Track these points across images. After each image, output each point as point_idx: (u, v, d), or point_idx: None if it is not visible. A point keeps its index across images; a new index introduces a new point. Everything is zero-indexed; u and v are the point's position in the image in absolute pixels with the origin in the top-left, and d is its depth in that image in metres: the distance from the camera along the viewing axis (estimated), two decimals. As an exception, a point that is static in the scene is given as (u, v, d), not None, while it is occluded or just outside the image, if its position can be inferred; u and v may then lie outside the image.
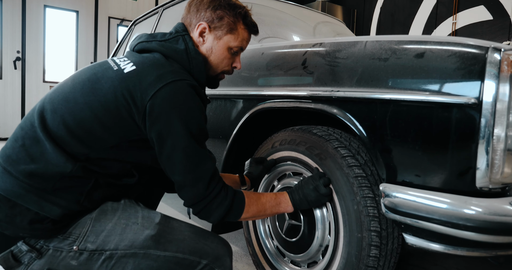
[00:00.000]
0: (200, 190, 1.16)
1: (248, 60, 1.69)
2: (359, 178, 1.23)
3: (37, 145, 1.09)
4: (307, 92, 1.36)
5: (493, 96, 0.96)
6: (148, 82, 1.10)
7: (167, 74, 1.12)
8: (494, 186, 1.00)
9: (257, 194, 1.32)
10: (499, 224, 0.94)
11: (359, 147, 1.31)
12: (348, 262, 1.25)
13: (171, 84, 1.10)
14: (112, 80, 1.12)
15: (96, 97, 1.11)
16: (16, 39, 6.82)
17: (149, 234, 1.16)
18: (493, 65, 0.96)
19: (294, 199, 1.34)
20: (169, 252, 1.18)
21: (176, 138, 1.11)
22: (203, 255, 1.22)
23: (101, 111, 1.10)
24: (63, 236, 1.11)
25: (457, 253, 1.08)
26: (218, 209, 1.19)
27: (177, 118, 1.10)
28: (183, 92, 1.12)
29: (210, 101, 1.39)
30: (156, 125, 1.10)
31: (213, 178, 1.18)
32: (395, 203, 1.10)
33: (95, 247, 1.12)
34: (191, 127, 1.13)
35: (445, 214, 1.00)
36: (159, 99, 1.08)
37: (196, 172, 1.15)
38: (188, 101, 1.13)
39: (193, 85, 1.16)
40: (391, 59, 1.14)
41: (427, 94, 1.04)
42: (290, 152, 1.47)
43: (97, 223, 1.14)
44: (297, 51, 1.47)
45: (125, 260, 1.15)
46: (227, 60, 1.33)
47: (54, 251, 1.11)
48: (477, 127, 0.98)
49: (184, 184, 1.16)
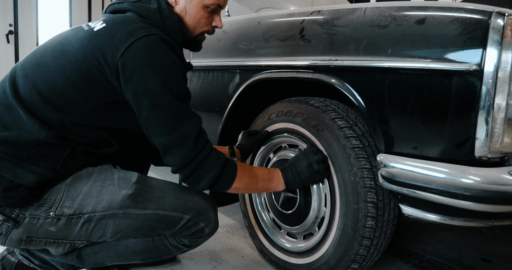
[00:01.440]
0: (189, 147, 1.09)
1: (244, 30, 1.65)
2: (356, 149, 1.22)
3: (9, 112, 1.06)
4: (304, 62, 1.33)
5: (495, 63, 0.93)
6: (118, 38, 1.04)
7: (139, 29, 1.06)
8: (493, 155, 0.98)
9: (250, 166, 1.28)
10: (497, 193, 0.93)
11: (356, 118, 1.29)
12: (344, 233, 1.25)
13: (143, 38, 1.04)
14: (81, 40, 1.07)
15: (66, 58, 1.06)
16: (8, 11, 6.66)
17: (127, 193, 1.15)
18: (496, 31, 0.93)
19: (287, 176, 1.30)
20: (149, 210, 1.17)
21: (154, 95, 1.05)
22: (185, 211, 1.21)
23: (73, 73, 1.06)
24: (38, 204, 1.10)
25: (453, 224, 1.07)
26: (209, 172, 1.13)
27: (153, 73, 1.04)
28: (157, 46, 1.06)
29: (192, 67, 1.34)
30: (131, 83, 1.04)
31: (200, 135, 1.12)
32: (392, 173, 1.09)
33: (72, 211, 1.11)
34: (169, 83, 1.07)
35: (443, 184, 0.99)
36: (131, 54, 1.03)
37: (180, 129, 1.08)
38: (164, 55, 1.07)
39: (167, 40, 1.09)
40: (391, 26, 1.10)
41: (427, 62, 1.01)
42: (286, 124, 1.45)
43: (72, 187, 1.12)
44: (294, 19, 1.43)
45: (105, 221, 1.14)
46: (204, 19, 1.25)
47: (30, 219, 1.10)
48: (478, 95, 0.95)
49: (169, 145, 1.09)
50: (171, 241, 1.30)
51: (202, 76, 1.90)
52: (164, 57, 1.06)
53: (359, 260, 1.25)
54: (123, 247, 1.28)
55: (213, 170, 1.13)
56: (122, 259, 1.30)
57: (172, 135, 1.08)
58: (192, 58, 1.97)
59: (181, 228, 1.24)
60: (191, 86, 1.98)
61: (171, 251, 1.32)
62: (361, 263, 1.27)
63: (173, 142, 1.09)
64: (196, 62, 1.92)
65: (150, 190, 1.19)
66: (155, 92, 1.05)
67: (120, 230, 1.17)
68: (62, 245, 1.17)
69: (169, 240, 1.29)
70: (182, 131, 1.08)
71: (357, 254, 1.24)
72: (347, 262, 1.26)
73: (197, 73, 1.94)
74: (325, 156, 1.28)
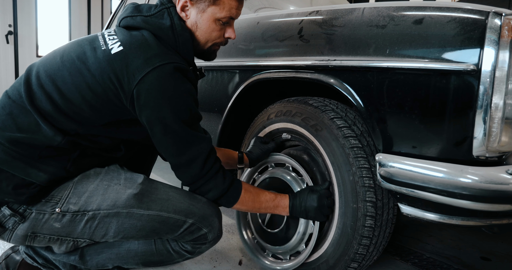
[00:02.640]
0: (196, 170, 1.16)
1: (244, 30, 1.65)
2: (355, 148, 1.22)
3: (25, 115, 1.08)
4: (303, 62, 1.33)
5: (492, 63, 0.94)
6: (135, 66, 1.07)
7: (154, 58, 1.09)
8: (491, 154, 0.99)
9: (258, 190, 1.31)
10: (495, 192, 0.93)
11: (355, 118, 1.29)
12: (343, 233, 1.26)
13: (158, 69, 1.07)
14: (99, 62, 1.09)
15: (84, 78, 1.09)
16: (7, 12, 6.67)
17: (132, 193, 1.17)
18: (493, 31, 0.94)
19: (294, 207, 1.32)
20: (152, 211, 1.18)
21: (165, 124, 1.10)
22: (189, 215, 1.22)
23: (89, 93, 1.08)
24: (46, 199, 1.12)
25: (452, 223, 1.08)
26: (214, 189, 1.20)
27: (166, 104, 1.09)
28: (171, 76, 1.09)
29: (205, 75, 1.36)
30: (145, 111, 1.09)
31: (208, 158, 1.18)
32: (391, 172, 1.09)
33: (77, 208, 1.13)
34: (180, 112, 1.11)
35: (441, 183, 0.99)
36: (146, 84, 1.06)
37: (188, 153, 1.14)
38: (177, 85, 1.11)
39: (181, 68, 1.12)
40: (389, 26, 1.11)
41: (425, 62, 1.01)
42: (285, 124, 1.45)
43: (79, 185, 1.15)
44: (293, 20, 1.43)
45: (108, 220, 1.16)
46: (216, 32, 1.25)
47: (37, 214, 1.12)
48: (475, 95, 0.96)
49: (178, 165, 1.17)
50: (174, 246, 1.30)
51: (201, 76, 1.90)
52: (177, 87, 1.10)
53: (358, 259, 1.26)
54: (125, 249, 1.29)
55: (217, 189, 1.21)
56: (123, 262, 1.31)
57: (181, 157, 1.15)
58: (192, 58, 1.97)
59: (183, 232, 1.24)
60: (191, 86, 1.98)
61: (173, 258, 1.32)
62: (361, 262, 1.28)
63: (182, 164, 1.16)
64: (196, 62, 1.92)
65: (155, 192, 1.21)
66: (166, 121, 1.10)
67: (123, 229, 1.17)
68: (66, 243, 1.18)
69: (172, 245, 1.30)
70: (190, 155, 1.15)
71: (356, 253, 1.24)
72: (346, 261, 1.27)
73: (196, 73, 1.94)
74: (333, 200, 1.31)
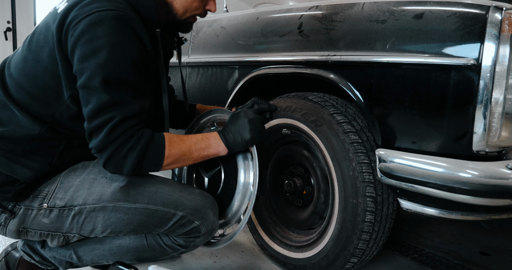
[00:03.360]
0: (105, 133, 1.02)
1: (243, 26, 1.65)
2: (354, 144, 1.22)
3: (4, 109, 1.07)
4: (303, 57, 1.33)
5: (492, 57, 0.94)
6: (72, 13, 1.01)
7: (92, 4, 1.01)
8: (490, 149, 0.99)
9: (180, 136, 1.17)
10: (495, 187, 0.94)
11: (355, 113, 1.29)
12: (343, 228, 1.26)
13: (92, 15, 0.99)
14: (47, 25, 1.06)
15: (40, 48, 1.06)
16: (5, 9, 6.64)
17: (118, 186, 1.12)
18: (493, 26, 0.93)
19: (226, 138, 1.20)
20: (139, 204, 1.13)
21: (86, 77, 1.00)
22: (179, 207, 1.16)
23: (48, 62, 1.05)
24: (33, 195, 1.11)
25: (451, 217, 1.08)
26: (129, 155, 1.04)
27: (91, 54, 0.99)
28: (105, 24, 1.00)
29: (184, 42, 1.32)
30: (73, 60, 1.02)
31: (121, 123, 1.03)
32: (390, 168, 1.10)
33: (64, 203, 1.11)
34: (104, 67, 1.00)
35: (441, 178, 0.99)
36: (77, 31, 1.00)
37: (101, 117, 1.02)
38: (108, 35, 1.00)
39: (124, 17, 1.02)
40: (389, 21, 1.11)
41: (425, 56, 1.01)
42: (285, 119, 1.45)
43: (65, 179, 1.13)
44: (292, 15, 1.43)
45: (95, 214, 1.13)
46: (197, 3, 1.20)
47: (25, 210, 1.11)
48: (476, 89, 0.96)
49: (91, 129, 1.04)
50: (166, 240, 1.24)
51: (201, 72, 1.90)
52: (107, 37, 1.00)
53: (358, 254, 1.26)
54: (117, 245, 1.26)
55: (133, 152, 1.05)
56: (117, 258, 1.28)
57: (94, 120, 1.02)
58: (191, 54, 1.97)
59: (174, 226, 1.18)
60: (190, 82, 1.98)
61: (167, 252, 1.27)
62: (360, 257, 1.28)
63: (93, 128, 1.03)
64: (195, 58, 1.92)
65: (142, 184, 1.16)
66: (88, 74, 1.00)
67: (110, 224, 1.14)
68: (56, 238, 1.17)
69: (163, 240, 1.24)
70: (103, 118, 1.02)
71: (356, 248, 1.25)
72: (346, 256, 1.27)
73: (196, 69, 1.94)
74: (272, 106, 1.27)
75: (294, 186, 1.48)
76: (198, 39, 1.95)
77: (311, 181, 1.45)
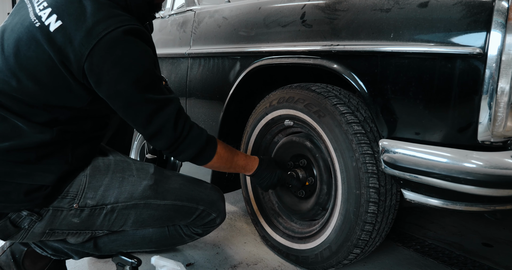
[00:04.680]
0: (169, 134, 1.11)
1: (245, 16, 1.63)
2: (358, 135, 1.21)
3: (3, 122, 1.02)
4: (305, 47, 1.31)
5: (498, 46, 0.92)
6: (79, 41, 0.97)
7: (98, 26, 0.98)
8: (496, 139, 0.98)
9: (231, 147, 1.32)
10: (500, 177, 0.93)
11: (358, 104, 1.28)
12: (346, 219, 1.25)
13: (105, 38, 0.97)
14: (37, 42, 0.99)
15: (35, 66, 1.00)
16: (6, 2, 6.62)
17: (147, 184, 1.18)
18: (500, 14, 0.91)
19: (259, 171, 1.39)
20: (168, 201, 1.21)
21: (125, 97, 1.04)
22: (200, 202, 1.27)
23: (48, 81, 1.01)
24: (61, 196, 1.10)
25: (455, 208, 1.07)
26: (192, 146, 1.17)
27: (121, 76, 1.01)
28: (121, 43, 1.00)
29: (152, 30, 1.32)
30: (102, 87, 1.02)
31: (179, 119, 1.12)
32: (394, 158, 1.09)
33: (95, 202, 1.13)
34: (138, 80, 1.03)
35: (445, 168, 0.98)
36: (96, 57, 0.97)
37: (157, 120, 1.09)
38: (129, 52, 1.02)
39: (132, 30, 1.02)
40: (393, 9, 1.09)
41: (430, 46, 1.00)
42: (288, 110, 1.44)
43: (93, 179, 1.13)
44: (295, 4, 1.41)
45: (127, 211, 1.17)
46: None
47: (54, 211, 1.09)
48: (481, 79, 0.94)
49: (151, 134, 1.12)
50: (185, 230, 1.34)
51: (202, 63, 1.89)
52: (130, 54, 1.02)
53: (361, 245, 1.26)
54: (140, 236, 1.32)
55: (194, 147, 1.17)
56: (137, 247, 1.34)
57: (151, 126, 1.10)
58: (193, 45, 1.96)
59: (196, 219, 1.29)
60: (192, 74, 1.97)
61: (184, 240, 1.37)
62: (363, 248, 1.28)
63: (154, 132, 1.11)
64: (197, 49, 1.91)
65: (167, 181, 1.23)
66: (125, 94, 1.04)
67: (141, 219, 1.20)
68: (83, 235, 1.20)
69: (183, 230, 1.34)
70: (160, 121, 1.09)
71: (359, 239, 1.24)
72: (349, 247, 1.27)
73: (197, 60, 1.93)
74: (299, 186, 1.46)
75: (296, 177, 1.47)
76: (199, 30, 1.94)
77: (313, 172, 1.44)
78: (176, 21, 2.22)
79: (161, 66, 2.28)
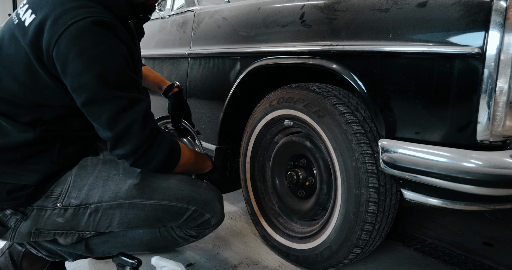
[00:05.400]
0: (135, 136, 1.04)
1: (245, 16, 1.64)
2: (357, 134, 1.21)
3: None
4: (305, 48, 1.32)
5: (497, 46, 0.92)
6: (47, 30, 0.96)
7: (66, 14, 0.96)
8: (495, 139, 0.98)
9: (187, 147, 1.28)
10: (499, 177, 0.93)
11: (358, 104, 1.28)
12: (346, 219, 1.26)
13: (72, 27, 0.94)
14: (16, 40, 1.00)
15: (13, 64, 1.01)
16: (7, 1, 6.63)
17: (132, 183, 1.14)
18: (498, 13, 0.92)
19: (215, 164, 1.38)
20: (155, 200, 1.16)
21: (90, 90, 0.98)
22: (191, 201, 1.20)
23: (26, 78, 1.01)
24: (46, 195, 1.09)
25: (455, 208, 1.08)
26: (159, 151, 1.10)
27: (84, 68, 0.96)
28: (88, 33, 0.96)
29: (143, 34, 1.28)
30: (67, 78, 0.98)
31: (147, 118, 1.07)
32: (394, 158, 1.09)
33: (79, 202, 1.10)
34: (104, 75, 0.98)
35: (444, 168, 0.99)
36: (62, 46, 0.95)
37: (124, 119, 1.03)
38: (96, 43, 0.97)
39: (102, 22, 0.98)
40: (392, 9, 1.09)
41: (429, 45, 1.00)
42: (287, 110, 1.44)
43: (77, 178, 1.11)
44: (294, 5, 1.41)
45: (111, 211, 1.13)
46: None
47: (38, 211, 1.09)
48: (480, 78, 0.95)
49: (116, 138, 1.05)
50: (178, 232, 1.28)
51: (202, 64, 1.89)
52: (96, 46, 0.98)
53: (361, 244, 1.26)
54: (130, 238, 1.28)
55: (161, 154, 1.11)
56: (129, 249, 1.30)
57: (117, 126, 1.03)
58: (193, 46, 1.96)
59: (186, 220, 1.22)
60: (192, 74, 1.97)
61: (178, 242, 1.31)
62: (363, 247, 1.28)
63: (119, 135, 1.05)
64: (197, 49, 1.91)
65: (155, 180, 1.18)
66: (90, 87, 0.98)
67: (127, 220, 1.16)
68: (71, 236, 1.17)
69: (176, 232, 1.28)
70: (127, 120, 1.03)
71: (359, 239, 1.25)
72: (349, 247, 1.27)
73: (197, 60, 1.93)
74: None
75: (296, 177, 1.47)
76: (199, 30, 1.94)
77: (313, 172, 1.45)
78: (176, 21, 2.22)
79: (161, 66, 2.28)
